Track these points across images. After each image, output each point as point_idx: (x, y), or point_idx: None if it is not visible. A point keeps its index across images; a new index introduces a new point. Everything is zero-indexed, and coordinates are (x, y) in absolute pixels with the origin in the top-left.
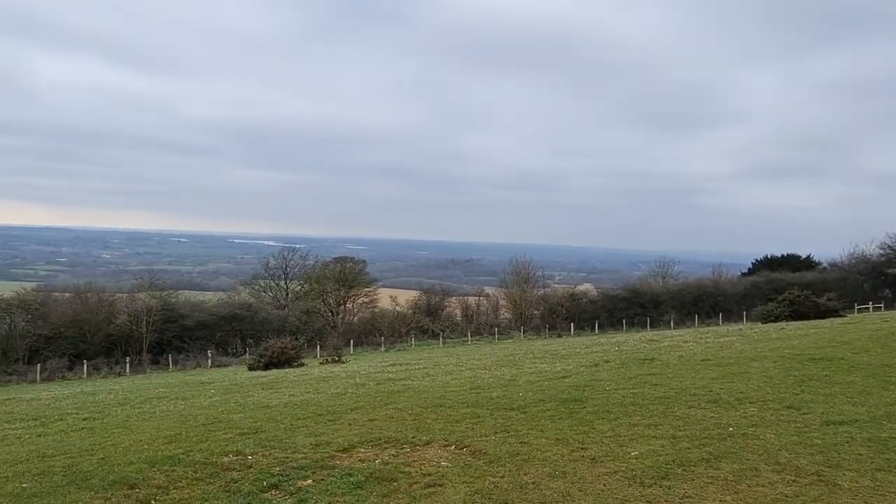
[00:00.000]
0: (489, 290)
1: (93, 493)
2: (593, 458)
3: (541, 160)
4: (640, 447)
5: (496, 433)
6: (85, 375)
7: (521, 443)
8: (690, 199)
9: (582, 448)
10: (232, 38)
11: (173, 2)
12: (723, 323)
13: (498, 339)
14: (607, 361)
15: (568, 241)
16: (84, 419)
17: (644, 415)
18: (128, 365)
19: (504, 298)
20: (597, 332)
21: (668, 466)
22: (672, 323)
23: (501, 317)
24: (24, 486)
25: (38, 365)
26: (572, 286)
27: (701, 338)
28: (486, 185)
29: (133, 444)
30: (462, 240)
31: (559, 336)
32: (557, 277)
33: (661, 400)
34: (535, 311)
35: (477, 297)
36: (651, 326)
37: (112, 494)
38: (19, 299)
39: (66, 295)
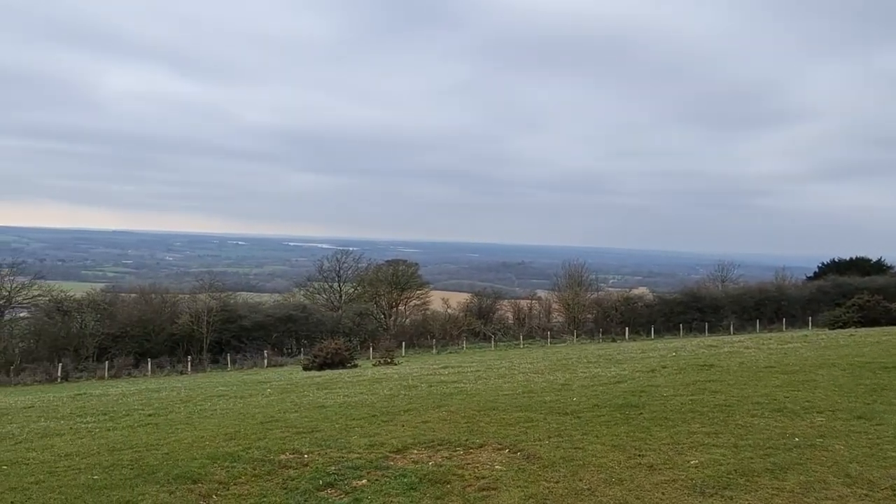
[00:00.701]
0: (541, 293)
1: (158, 486)
2: (651, 466)
3: (594, 161)
4: (700, 456)
5: (550, 438)
6: (149, 373)
7: (576, 448)
8: (751, 201)
9: (639, 455)
10: (291, 47)
11: (235, 15)
12: (786, 329)
13: (550, 342)
14: (664, 367)
15: (622, 244)
16: (149, 415)
17: (703, 422)
18: (189, 363)
19: (556, 302)
20: (652, 336)
21: (730, 476)
22: (732, 328)
23: (554, 320)
24: (95, 477)
25: (107, 362)
26: (627, 290)
27: (763, 344)
28: (539, 187)
29: (195, 441)
30: (513, 242)
31: (613, 340)
32: (611, 281)
33: (722, 407)
34: (589, 315)
35: (529, 301)
36: (709, 332)
37: (176, 488)
38: (90, 300)
39: (132, 296)
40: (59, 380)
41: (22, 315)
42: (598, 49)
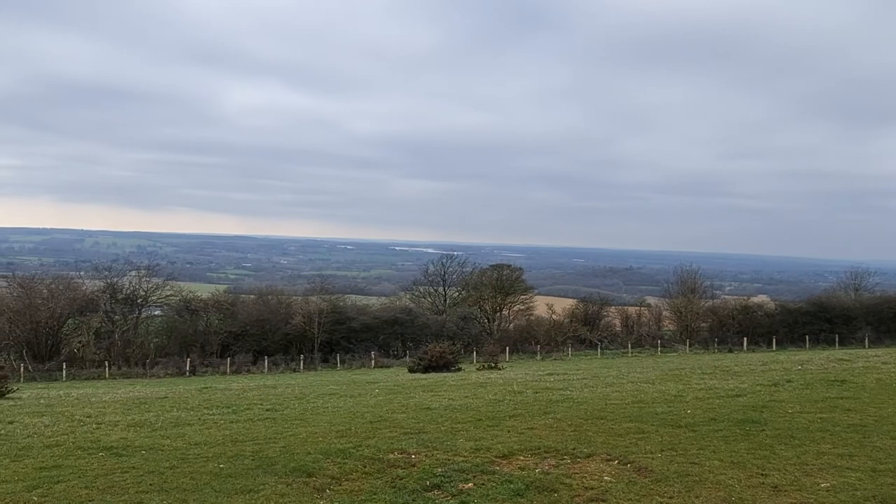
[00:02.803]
0: (651, 300)
1: (277, 477)
2: (775, 487)
3: (709, 163)
4: (832, 479)
5: (663, 451)
6: (266, 370)
7: (691, 463)
8: (888, 202)
9: (761, 474)
10: (398, 56)
11: (346, 29)
12: None
13: (661, 351)
14: (789, 381)
15: (739, 249)
16: (267, 410)
17: (835, 443)
18: (302, 362)
19: (668, 309)
20: (774, 348)
21: (867, 503)
22: (867, 341)
23: (665, 328)
24: (221, 466)
25: (228, 359)
26: (745, 297)
27: None
28: (648, 190)
29: (309, 436)
30: (621, 247)
31: (730, 351)
32: (728, 288)
33: (857, 428)
34: (703, 324)
35: (638, 308)
36: (840, 344)
37: (293, 480)
38: (214, 300)
39: (251, 297)
40: (187, 373)
41: (156, 313)
42: (710, 45)
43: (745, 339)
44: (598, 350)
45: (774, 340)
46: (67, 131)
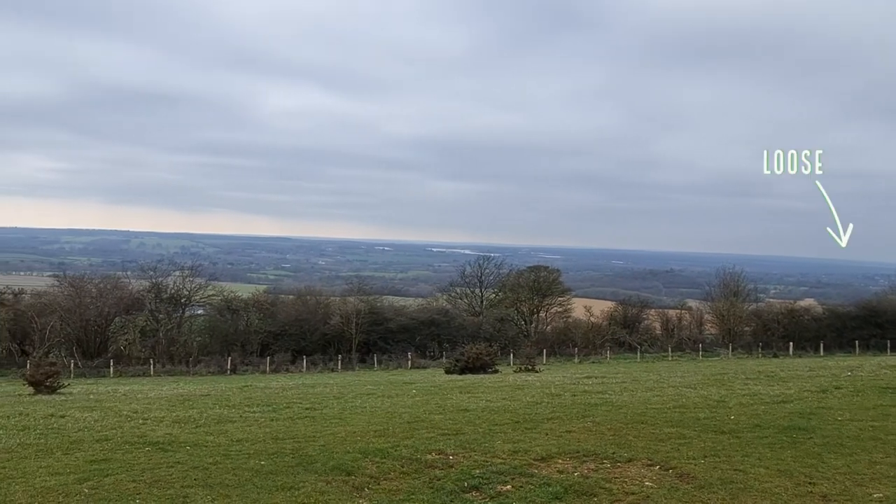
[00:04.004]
0: (692, 303)
1: (316, 475)
2: (824, 496)
3: (751, 162)
4: (885, 489)
5: (706, 457)
6: (304, 369)
7: (735, 470)
8: None
9: (809, 483)
10: (431, 58)
11: (379, 32)
12: None
13: (702, 355)
14: (838, 388)
15: (784, 252)
16: (307, 408)
17: (888, 452)
18: (339, 362)
19: (709, 312)
20: (821, 353)
21: None
22: None
23: (706, 332)
24: (262, 463)
25: (268, 358)
26: (791, 301)
27: None
28: (687, 191)
29: (348, 435)
30: (660, 249)
31: (775, 356)
32: (772, 291)
33: None
34: (746, 328)
35: (678, 311)
36: (892, 350)
37: (332, 479)
38: (254, 300)
39: (290, 297)
40: (228, 372)
41: (199, 313)
42: (749, 43)
43: (791, 343)
44: (638, 353)
45: (822, 346)
46: (113, 135)
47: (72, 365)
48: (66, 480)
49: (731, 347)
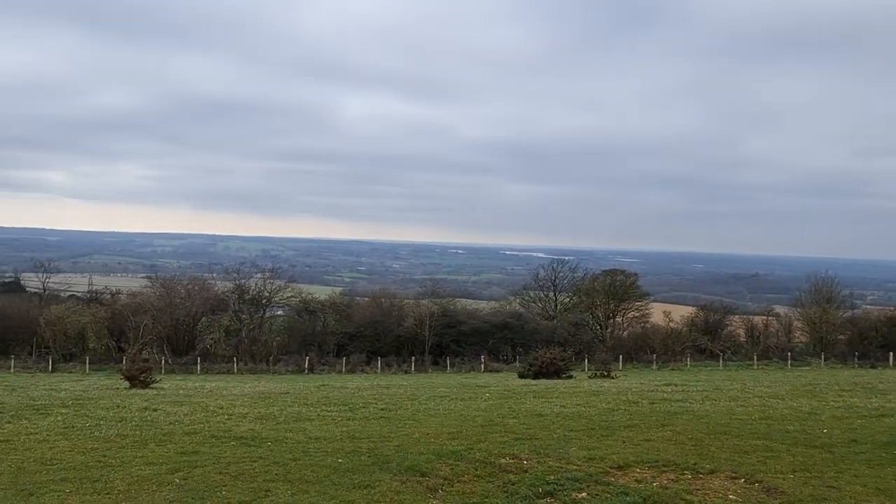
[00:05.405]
0: (780, 309)
1: (392, 475)
2: None
3: (845, 161)
4: None
5: (795, 472)
6: (379, 370)
7: (828, 487)
8: None
9: None
10: (505, 61)
11: (453, 37)
12: None
13: (791, 365)
14: None
15: (884, 255)
16: (382, 409)
17: None
18: (413, 364)
19: (799, 319)
20: None
21: None
22: None
23: (795, 340)
24: (339, 461)
25: (344, 358)
26: (890, 308)
27: None
28: (775, 191)
29: (422, 437)
30: (745, 253)
31: (872, 367)
32: (870, 297)
33: None
34: (840, 336)
35: (765, 317)
36: None
37: (407, 479)
38: (331, 302)
39: (366, 299)
40: (306, 371)
41: (278, 313)
42: (845, 35)
43: (891, 354)
44: (720, 361)
45: None
46: (202, 144)
47: (163, 361)
48: (159, 471)
49: (823, 357)
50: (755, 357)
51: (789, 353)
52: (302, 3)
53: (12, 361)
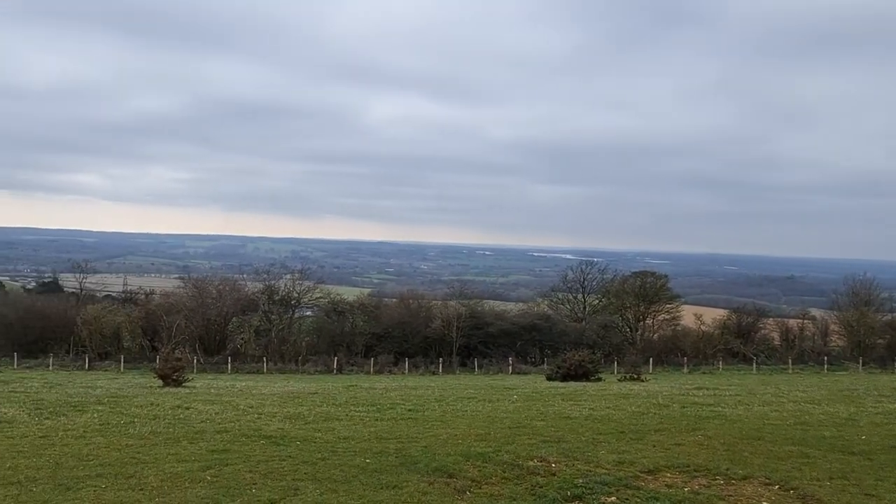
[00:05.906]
0: (816, 312)
1: (419, 476)
2: None
3: (886, 160)
4: None
5: (832, 479)
6: (406, 371)
7: (867, 495)
8: None
9: None
10: (532, 62)
11: (480, 38)
12: None
13: (827, 369)
14: None
15: None
16: (409, 410)
17: None
18: (440, 365)
19: (836, 323)
20: None
21: None
22: None
23: (832, 344)
24: (367, 461)
25: (372, 359)
26: None
27: None
28: (810, 191)
29: (449, 438)
30: (779, 254)
31: None
32: None
33: None
34: (879, 340)
35: (800, 320)
36: None
37: (435, 480)
38: (359, 303)
39: (393, 300)
40: (334, 371)
41: (307, 314)
42: (880, 32)
43: None
44: (753, 365)
45: None
46: (232, 146)
47: (194, 361)
48: (191, 468)
49: (861, 361)
50: (790, 361)
51: (825, 358)
52: (332, 7)
53: (51, 359)
